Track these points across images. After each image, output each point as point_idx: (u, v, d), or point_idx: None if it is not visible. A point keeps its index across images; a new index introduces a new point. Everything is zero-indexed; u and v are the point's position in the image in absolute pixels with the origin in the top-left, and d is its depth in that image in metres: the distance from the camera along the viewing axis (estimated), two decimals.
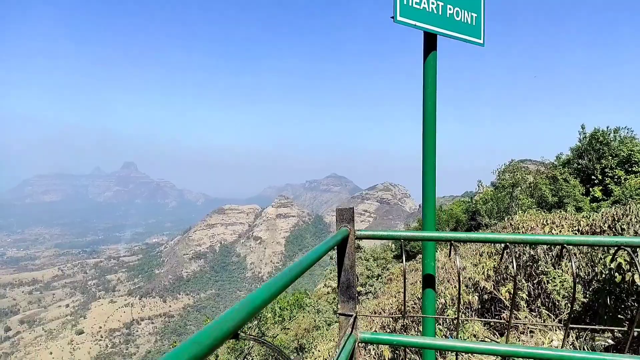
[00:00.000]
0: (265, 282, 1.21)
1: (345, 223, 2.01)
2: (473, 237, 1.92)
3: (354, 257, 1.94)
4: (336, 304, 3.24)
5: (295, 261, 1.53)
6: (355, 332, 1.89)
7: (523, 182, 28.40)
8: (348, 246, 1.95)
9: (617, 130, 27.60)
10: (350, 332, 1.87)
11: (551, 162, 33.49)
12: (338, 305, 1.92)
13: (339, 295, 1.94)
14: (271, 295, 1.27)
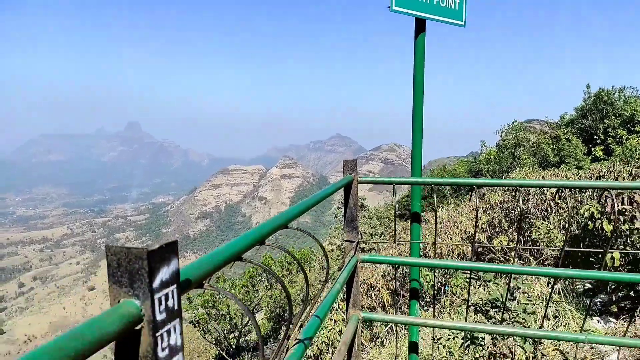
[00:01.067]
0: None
1: (350, 171, 2.46)
2: (450, 182, 2.36)
3: (357, 198, 2.39)
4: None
5: (308, 197, 1.97)
6: (357, 254, 2.37)
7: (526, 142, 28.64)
8: (352, 189, 2.40)
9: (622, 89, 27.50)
10: (353, 254, 2.35)
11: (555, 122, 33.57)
12: (344, 234, 2.40)
13: (345, 226, 2.40)
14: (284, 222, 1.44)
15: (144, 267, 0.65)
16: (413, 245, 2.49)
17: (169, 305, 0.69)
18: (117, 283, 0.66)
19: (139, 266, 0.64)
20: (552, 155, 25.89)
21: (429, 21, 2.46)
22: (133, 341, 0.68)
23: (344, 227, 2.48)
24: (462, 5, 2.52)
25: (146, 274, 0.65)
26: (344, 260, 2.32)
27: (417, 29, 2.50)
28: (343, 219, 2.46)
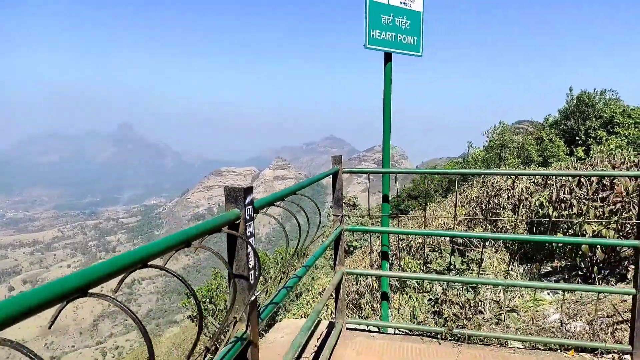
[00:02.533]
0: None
1: (337, 164, 3.33)
2: (415, 170, 3.23)
3: (342, 183, 3.26)
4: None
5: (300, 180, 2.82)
6: (342, 225, 3.24)
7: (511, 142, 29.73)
8: (339, 177, 3.27)
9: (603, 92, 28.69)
10: (338, 225, 3.23)
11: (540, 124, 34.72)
12: (331, 209, 3.27)
13: (333, 205, 3.27)
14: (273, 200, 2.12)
15: (242, 194, 1.54)
16: (384, 219, 3.39)
17: (250, 214, 1.57)
18: (229, 202, 1.55)
19: (240, 194, 1.53)
20: (536, 156, 26.93)
21: (394, 54, 3.37)
22: (235, 228, 1.54)
23: (332, 205, 3.34)
24: (419, 41, 3.43)
25: (242, 197, 1.54)
26: (331, 231, 3.18)
27: (385, 60, 3.41)
28: (332, 200, 3.32)
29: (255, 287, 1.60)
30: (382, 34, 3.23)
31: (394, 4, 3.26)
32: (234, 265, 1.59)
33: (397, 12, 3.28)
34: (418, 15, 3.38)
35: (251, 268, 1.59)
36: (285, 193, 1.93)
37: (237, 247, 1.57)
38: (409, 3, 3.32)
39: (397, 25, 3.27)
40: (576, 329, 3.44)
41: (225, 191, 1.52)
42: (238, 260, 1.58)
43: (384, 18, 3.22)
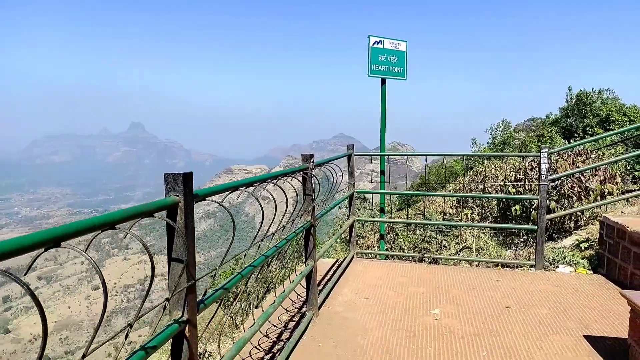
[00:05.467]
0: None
1: (351, 149, 5.13)
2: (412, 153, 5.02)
3: (353, 164, 5.07)
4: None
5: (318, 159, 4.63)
6: (354, 189, 5.06)
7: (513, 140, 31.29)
8: (352, 158, 5.07)
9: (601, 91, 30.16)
10: (352, 189, 5.04)
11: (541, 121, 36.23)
12: (348, 187, 5.06)
13: (348, 176, 5.08)
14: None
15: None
16: (381, 196, 5.25)
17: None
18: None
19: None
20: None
21: (387, 79, 5.22)
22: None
23: (348, 182, 5.12)
24: (404, 70, 5.29)
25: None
26: (347, 191, 4.95)
27: (381, 83, 5.26)
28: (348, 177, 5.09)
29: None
30: (379, 66, 5.10)
31: (387, 47, 5.11)
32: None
33: (389, 53, 5.13)
34: (403, 53, 5.24)
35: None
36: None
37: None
38: (397, 46, 5.17)
39: (389, 61, 5.13)
40: (506, 256, 5.24)
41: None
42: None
43: (380, 57, 5.08)
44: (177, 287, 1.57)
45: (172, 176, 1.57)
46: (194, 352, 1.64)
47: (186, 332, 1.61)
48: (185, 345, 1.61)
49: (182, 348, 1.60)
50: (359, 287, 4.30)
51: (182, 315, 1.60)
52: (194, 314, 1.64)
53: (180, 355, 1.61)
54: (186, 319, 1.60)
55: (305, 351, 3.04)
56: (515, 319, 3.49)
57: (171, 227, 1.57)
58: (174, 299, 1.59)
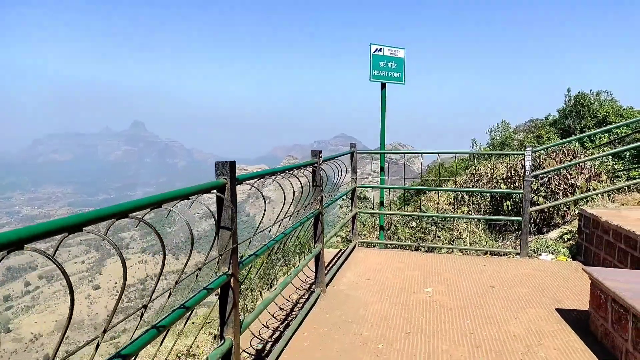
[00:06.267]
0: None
1: (354, 148, 5.63)
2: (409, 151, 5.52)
3: (356, 161, 5.56)
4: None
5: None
6: (355, 183, 5.56)
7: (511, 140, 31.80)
8: (354, 155, 5.57)
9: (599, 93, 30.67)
10: (354, 184, 5.55)
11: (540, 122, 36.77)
12: (351, 182, 5.56)
13: (352, 172, 5.58)
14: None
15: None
16: (381, 190, 5.76)
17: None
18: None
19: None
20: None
21: (387, 83, 5.73)
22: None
23: (350, 169, 5.61)
24: (402, 75, 5.80)
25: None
26: (350, 186, 5.44)
27: (382, 87, 5.77)
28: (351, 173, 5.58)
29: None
30: (380, 72, 5.62)
31: (387, 54, 5.62)
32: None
33: (388, 59, 5.64)
34: (401, 60, 5.76)
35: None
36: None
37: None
38: (396, 53, 5.69)
39: (389, 67, 5.64)
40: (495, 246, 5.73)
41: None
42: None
43: (381, 63, 5.60)
44: (225, 248, 2.07)
45: (221, 164, 2.07)
46: (236, 299, 2.14)
47: (231, 283, 2.11)
48: (230, 293, 2.11)
49: (228, 295, 2.10)
50: (361, 271, 4.80)
51: (228, 270, 2.10)
52: (236, 270, 2.14)
53: (226, 300, 2.11)
54: (231, 272, 2.10)
55: (315, 319, 3.54)
56: (497, 296, 3.99)
57: (220, 202, 2.07)
58: (222, 257, 2.09)
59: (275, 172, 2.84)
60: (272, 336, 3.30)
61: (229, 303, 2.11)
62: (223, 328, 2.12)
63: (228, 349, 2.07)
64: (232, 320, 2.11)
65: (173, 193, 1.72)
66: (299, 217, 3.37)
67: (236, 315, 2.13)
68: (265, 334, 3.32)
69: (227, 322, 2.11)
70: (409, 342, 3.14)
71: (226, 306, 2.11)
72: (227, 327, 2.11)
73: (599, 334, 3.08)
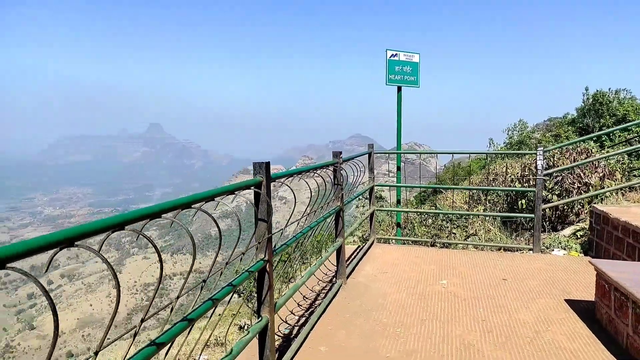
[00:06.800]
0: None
1: (371, 148, 5.89)
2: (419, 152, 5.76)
3: (373, 161, 5.82)
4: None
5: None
6: (373, 182, 5.82)
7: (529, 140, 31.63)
8: (372, 156, 5.83)
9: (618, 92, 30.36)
10: (372, 182, 5.81)
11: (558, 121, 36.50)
12: (369, 181, 5.82)
13: (369, 172, 5.84)
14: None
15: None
16: (397, 189, 6.00)
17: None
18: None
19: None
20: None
21: (403, 87, 5.98)
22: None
23: (368, 177, 5.86)
24: (417, 79, 6.05)
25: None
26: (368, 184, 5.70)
27: (397, 90, 6.02)
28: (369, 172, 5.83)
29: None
30: (395, 76, 5.88)
31: (402, 59, 5.89)
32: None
33: (404, 64, 5.90)
34: (416, 64, 6.02)
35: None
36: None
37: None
38: (411, 58, 5.96)
39: (404, 71, 5.91)
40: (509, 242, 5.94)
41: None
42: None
43: (397, 68, 5.86)
44: (262, 237, 2.36)
45: (258, 164, 2.36)
46: (272, 282, 2.43)
47: (267, 268, 2.40)
48: (266, 276, 2.40)
49: (264, 278, 2.39)
50: (379, 265, 5.06)
51: (264, 256, 2.39)
52: (271, 256, 2.43)
53: (262, 283, 2.40)
54: (267, 259, 2.39)
55: (337, 306, 3.82)
56: (509, 288, 4.21)
57: (257, 197, 2.36)
58: (260, 245, 2.38)
59: (301, 171, 3.13)
60: (298, 322, 3.59)
61: (265, 285, 2.40)
62: (260, 307, 2.41)
63: (265, 324, 2.36)
64: (267, 300, 2.40)
65: (221, 189, 2.02)
66: (321, 214, 3.64)
67: (271, 296, 2.42)
68: (292, 321, 3.61)
69: (264, 301, 2.40)
70: (425, 327, 3.39)
71: (262, 288, 2.40)
72: (264, 306, 2.40)
73: (603, 321, 3.30)
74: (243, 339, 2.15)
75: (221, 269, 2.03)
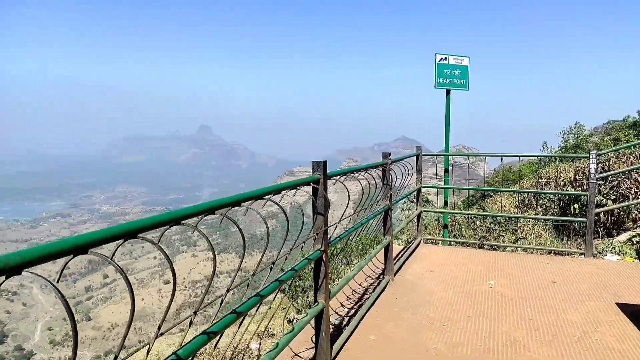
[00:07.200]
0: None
1: (419, 150, 6.01)
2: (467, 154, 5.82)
3: (421, 162, 5.93)
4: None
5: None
6: (421, 184, 5.92)
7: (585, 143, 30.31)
8: (420, 158, 5.94)
9: None
10: (420, 184, 5.92)
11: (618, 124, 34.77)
12: (417, 182, 5.93)
13: (417, 173, 5.96)
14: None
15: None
16: (445, 191, 6.08)
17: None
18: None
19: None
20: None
21: (452, 90, 6.06)
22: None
23: (416, 178, 5.97)
24: (466, 82, 6.11)
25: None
26: (415, 186, 5.82)
27: (446, 93, 6.11)
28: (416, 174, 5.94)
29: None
30: (444, 79, 5.99)
31: (451, 63, 5.99)
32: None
33: (453, 67, 5.99)
34: (466, 67, 6.09)
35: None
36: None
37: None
38: (460, 61, 6.04)
39: (453, 74, 6.00)
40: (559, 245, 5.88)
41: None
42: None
43: (445, 71, 5.97)
44: (320, 229, 2.58)
45: (316, 163, 2.59)
46: (327, 271, 2.64)
47: (323, 257, 2.61)
48: (322, 265, 2.61)
49: (321, 266, 2.61)
50: (426, 264, 5.17)
51: (321, 247, 2.60)
52: (326, 247, 2.65)
53: (319, 271, 2.61)
54: (323, 249, 2.61)
55: (385, 301, 3.98)
56: (558, 290, 4.23)
57: (315, 192, 2.58)
58: (317, 237, 2.60)
59: (354, 170, 3.33)
60: (348, 313, 3.78)
61: (321, 273, 2.61)
62: (316, 293, 2.63)
63: (321, 309, 2.58)
64: (323, 287, 2.61)
65: (286, 184, 2.27)
66: (370, 212, 3.82)
67: (327, 284, 2.63)
68: (341, 312, 3.81)
69: (320, 288, 2.62)
70: (471, 323, 3.50)
71: (319, 275, 2.61)
72: (320, 293, 2.62)
73: None
74: (303, 320, 2.38)
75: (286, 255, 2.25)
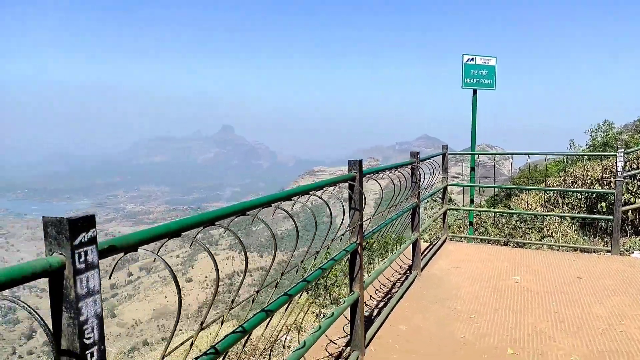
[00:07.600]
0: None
1: (445, 149, 6.12)
2: (492, 153, 5.92)
3: (447, 161, 6.04)
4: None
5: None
6: (447, 182, 6.04)
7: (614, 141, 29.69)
8: (446, 157, 6.06)
9: None
10: (446, 183, 6.04)
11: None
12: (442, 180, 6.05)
13: (443, 172, 6.08)
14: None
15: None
16: (471, 188, 6.19)
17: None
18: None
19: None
20: None
21: (478, 90, 6.17)
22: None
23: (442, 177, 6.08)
24: (493, 82, 6.20)
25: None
26: (442, 184, 5.95)
27: (473, 93, 6.21)
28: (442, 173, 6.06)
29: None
30: (471, 79, 6.10)
31: (478, 63, 6.10)
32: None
33: (480, 67, 6.10)
34: (492, 67, 6.19)
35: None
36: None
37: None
38: (487, 61, 6.14)
39: (480, 74, 6.10)
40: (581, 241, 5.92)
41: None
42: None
43: (472, 72, 6.08)
44: (356, 223, 2.76)
45: (352, 161, 2.78)
46: (362, 262, 2.82)
47: (358, 250, 2.79)
48: (358, 257, 2.79)
49: (356, 258, 2.79)
50: (452, 260, 5.30)
51: (357, 240, 2.78)
52: (361, 240, 2.83)
53: (355, 262, 2.79)
54: (358, 242, 2.79)
55: (413, 294, 4.14)
56: (584, 285, 4.31)
57: (351, 189, 2.76)
58: (353, 230, 2.78)
59: (387, 168, 3.50)
60: (377, 305, 3.95)
61: (357, 264, 2.79)
62: (352, 283, 2.81)
63: (357, 298, 2.76)
64: (358, 278, 2.80)
65: (322, 182, 2.45)
66: (399, 208, 3.98)
67: (361, 274, 2.81)
68: (371, 304, 3.98)
69: (355, 279, 2.80)
70: (498, 315, 3.63)
71: (354, 267, 2.80)
72: (355, 283, 2.80)
73: None
74: (341, 306, 2.57)
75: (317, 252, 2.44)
